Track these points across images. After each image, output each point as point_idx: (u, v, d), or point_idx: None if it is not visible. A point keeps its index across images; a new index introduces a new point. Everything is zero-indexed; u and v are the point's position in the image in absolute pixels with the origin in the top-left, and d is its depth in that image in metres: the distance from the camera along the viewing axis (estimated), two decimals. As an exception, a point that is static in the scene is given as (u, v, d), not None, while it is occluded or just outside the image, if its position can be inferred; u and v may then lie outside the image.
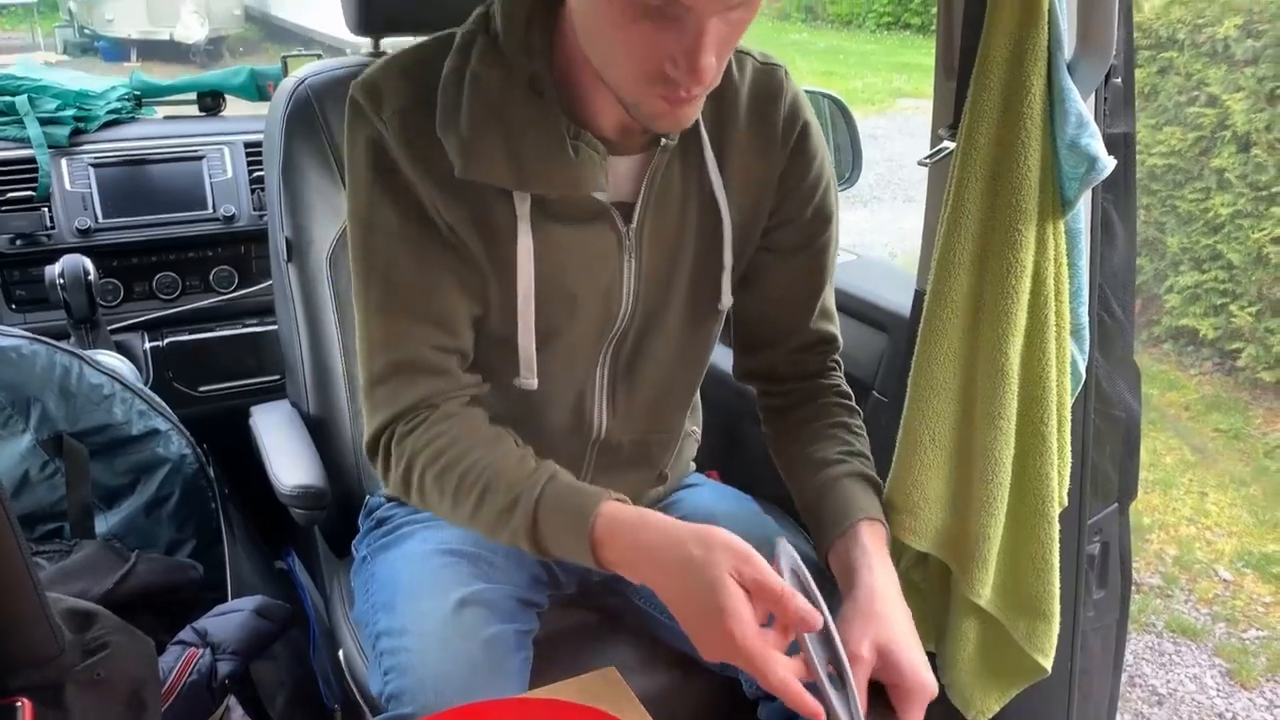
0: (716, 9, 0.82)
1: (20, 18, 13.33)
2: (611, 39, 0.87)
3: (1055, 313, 1.12)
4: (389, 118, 0.98)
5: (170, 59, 12.16)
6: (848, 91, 9.94)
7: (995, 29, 1.05)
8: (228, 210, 1.96)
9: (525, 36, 0.96)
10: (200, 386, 1.95)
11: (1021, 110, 1.05)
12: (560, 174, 0.98)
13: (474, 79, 0.96)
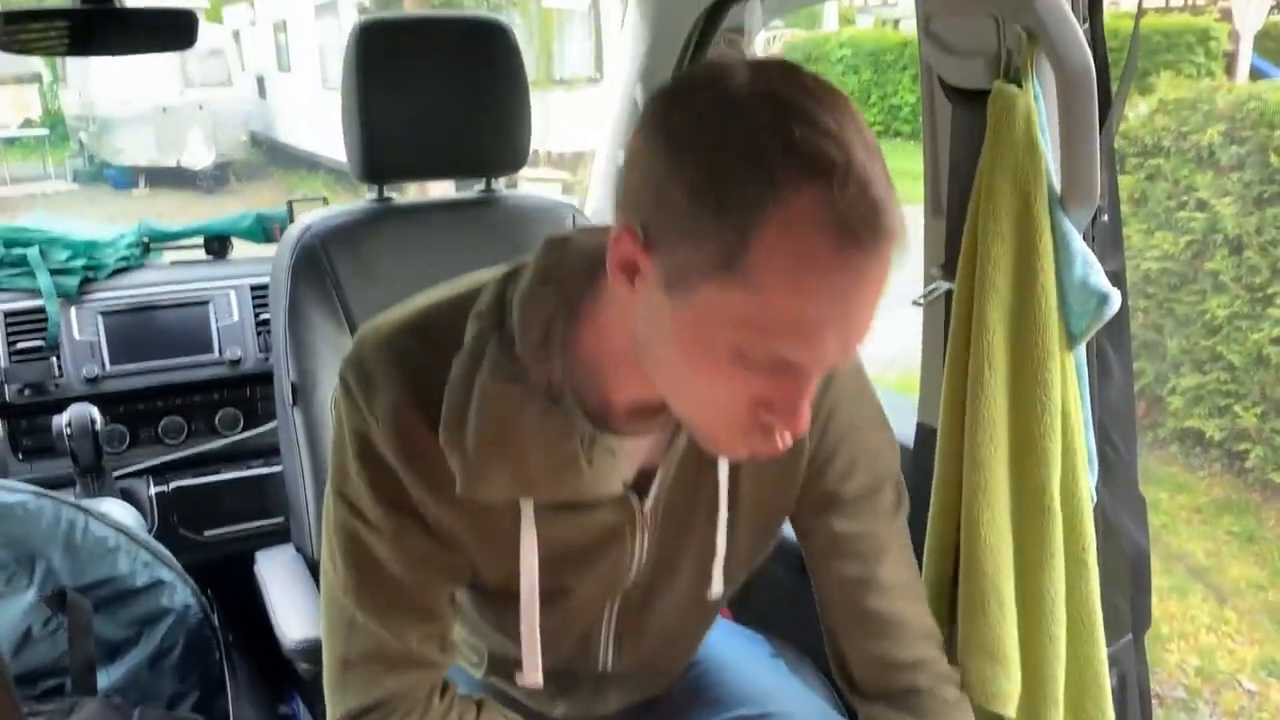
0: (828, 366, 0.77)
1: (32, 149, 13.67)
2: (697, 383, 0.79)
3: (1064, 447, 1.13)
4: (381, 415, 0.88)
5: (177, 185, 12.43)
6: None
7: (998, 173, 1.08)
8: (234, 353, 1.98)
9: (544, 339, 0.87)
10: (205, 531, 1.95)
11: (1034, 254, 1.07)
12: (571, 483, 0.91)
13: (484, 394, 0.87)
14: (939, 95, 1.23)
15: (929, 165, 1.30)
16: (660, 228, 0.74)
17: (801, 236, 0.69)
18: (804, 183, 0.69)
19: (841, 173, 0.69)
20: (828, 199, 0.68)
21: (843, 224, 0.69)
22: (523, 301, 0.88)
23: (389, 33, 1.58)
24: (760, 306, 0.71)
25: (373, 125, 1.54)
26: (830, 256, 0.70)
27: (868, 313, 0.74)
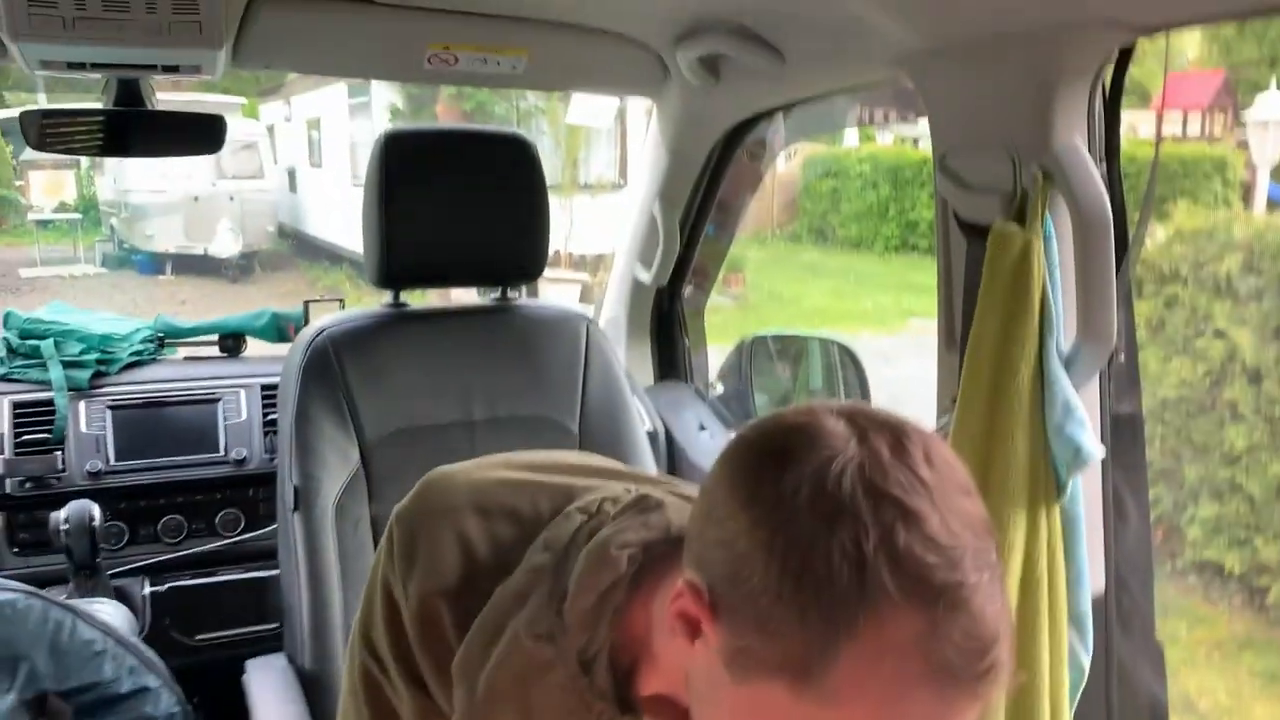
0: None
1: (65, 232, 13.92)
2: None
3: (1049, 601, 1.09)
4: (413, 598, 0.83)
5: (204, 272, 12.61)
6: (858, 311, 10.17)
7: (986, 313, 1.07)
8: (239, 453, 1.97)
9: (597, 607, 0.79)
10: (197, 635, 1.90)
11: (1010, 394, 1.06)
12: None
13: (515, 644, 0.80)
14: (954, 229, 1.23)
15: (942, 297, 1.29)
16: (731, 603, 0.65)
17: (895, 667, 0.60)
18: (906, 606, 0.60)
19: (950, 601, 0.60)
20: (930, 629, 0.60)
21: (944, 662, 0.60)
22: (593, 560, 0.80)
23: (412, 143, 1.61)
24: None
25: (392, 232, 1.56)
26: (924, 694, 0.61)
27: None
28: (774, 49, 1.42)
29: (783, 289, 11.61)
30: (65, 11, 1.30)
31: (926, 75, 1.23)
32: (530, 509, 0.85)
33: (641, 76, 1.69)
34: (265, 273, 13.16)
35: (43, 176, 13.91)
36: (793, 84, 1.55)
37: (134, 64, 1.49)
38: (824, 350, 2.33)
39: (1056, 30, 1.03)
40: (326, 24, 1.51)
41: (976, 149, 1.16)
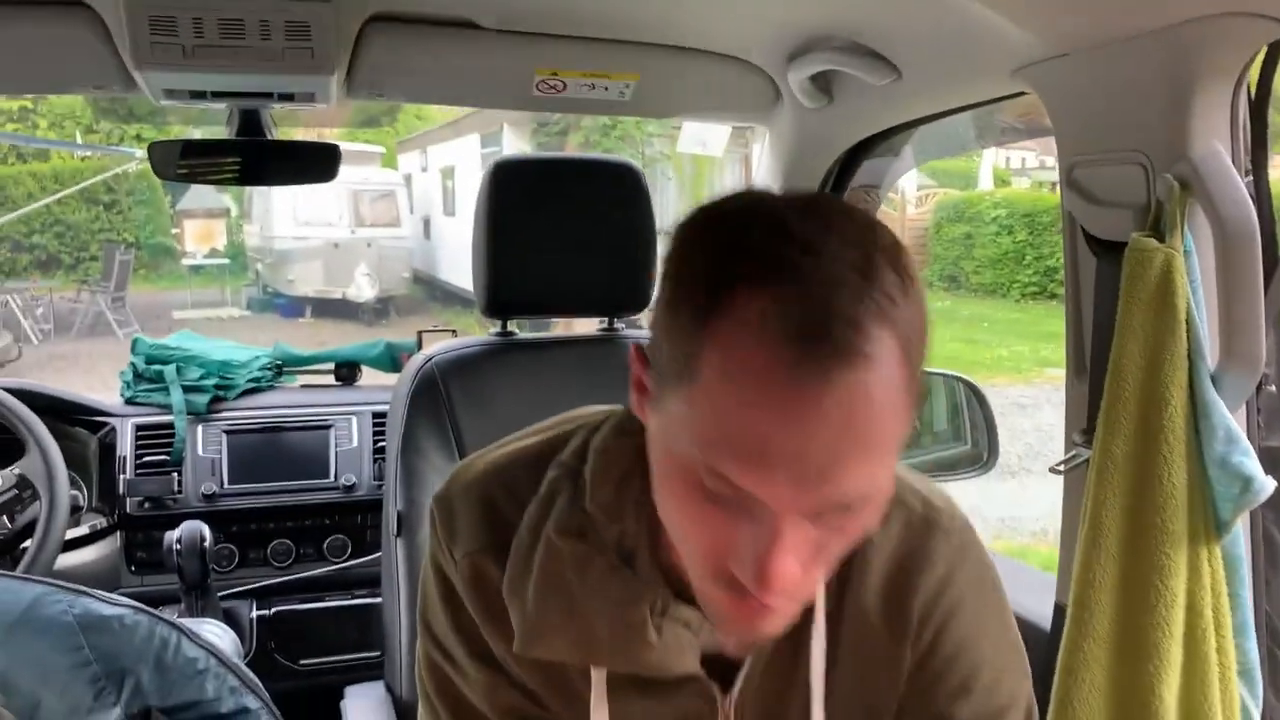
0: (798, 509, 0.65)
1: (214, 277, 14.68)
2: (677, 519, 0.72)
3: (1218, 649, 0.98)
4: (460, 560, 0.86)
5: (341, 316, 13.09)
6: (993, 360, 9.87)
7: (1127, 335, 0.98)
8: (349, 479, 1.98)
9: (617, 497, 0.82)
10: (301, 660, 1.92)
11: (1161, 424, 0.96)
12: (639, 656, 0.81)
13: (549, 546, 0.82)
14: (1082, 247, 1.15)
15: (1070, 322, 1.20)
16: (651, 342, 0.71)
17: (750, 342, 0.62)
18: (759, 285, 0.63)
19: (805, 279, 0.62)
20: (781, 305, 0.62)
21: (796, 333, 0.61)
22: (599, 453, 0.84)
23: (521, 172, 1.60)
24: (711, 418, 0.64)
25: (499, 261, 1.55)
26: (778, 369, 0.61)
27: (836, 449, 0.63)
28: (889, 63, 1.36)
29: (913, 337, 11.36)
30: (185, 40, 1.33)
31: (1050, 84, 1.15)
32: (543, 453, 0.88)
33: (753, 100, 1.65)
34: (400, 316, 13.57)
35: (196, 225, 14.72)
36: (910, 101, 1.48)
37: (252, 92, 1.52)
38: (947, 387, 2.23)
39: (1194, 27, 0.95)
40: (436, 51, 1.51)
41: (1106, 160, 1.08)
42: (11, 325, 10.91)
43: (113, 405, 2.05)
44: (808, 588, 0.72)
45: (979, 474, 1.96)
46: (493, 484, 0.88)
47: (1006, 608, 0.91)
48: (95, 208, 15.16)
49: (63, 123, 15.59)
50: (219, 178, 1.73)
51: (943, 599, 0.86)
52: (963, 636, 0.87)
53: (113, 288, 12.15)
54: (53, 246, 14.87)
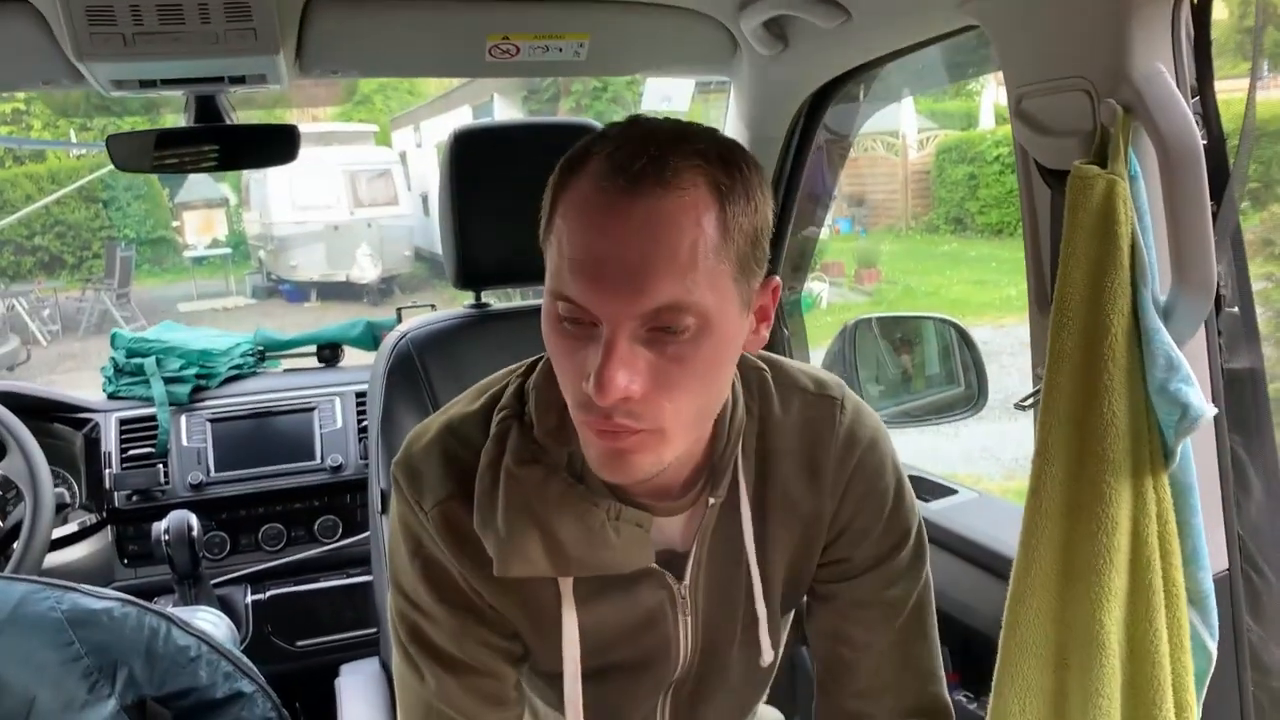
0: (624, 317, 0.79)
1: (217, 267, 14.69)
2: (553, 353, 0.86)
3: (1165, 577, 0.97)
4: (430, 512, 0.95)
5: (347, 298, 13.10)
6: (1003, 300, 9.81)
7: (1071, 264, 0.97)
8: (335, 460, 1.99)
9: (560, 423, 0.92)
10: (298, 641, 1.93)
11: (1103, 352, 0.94)
12: (601, 558, 0.93)
13: (508, 476, 0.92)
14: (1036, 179, 1.13)
15: (1029, 257, 1.18)
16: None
17: (586, 185, 0.80)
18: (598, 150, 0.81)
19: (636, 139, 0.80)
20: (613, 155, 0.79)
21: (611, 170, 0.79)
22: (537, 389, 0.95)
23: (480, 142, 1.58)
24: (557, 252, 0.81)
25: (467, 232, 1.54)
26: (600, 196, 0.79)
27: (645, 257, 0.78)
28: (838, 4, 1.34)
29: (920, 281, 11.31)
30: (124, 28, 1.32)
31: (995, 14, 1.13)
32: (482, 409, 0.98)
33: (710, 51, 1.63)
34: (404, 295, 13.56)
35: (196, 216, 14.72)
36: (864, 41, 1.46)
37: (202, 77, 1.50)
38: (937, 331, 2.22)
39: (1129, -55, 0.93)
40: (385, 24, 1.49)
41: (1051, 88, 1.06)
42: (19, 328, 10.96)
43: (96, 401, 2.05)
44: (656, 410, 0.82)
45: (971, 414, 1.95)
46: (448, 440, 0.97)
47: (895, 453, 1.07)
48: (94, 205, 15.17)
49: (56, 122, 15.57)
50: (177, 166, 1.71)
51: (849, 453, 1.02)
52: (870, 481, 1.03)
53: (117, 284, 12.17)
54: (55, 247, 14.89)
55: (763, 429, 1.01)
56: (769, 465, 1.01)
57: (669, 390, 0.81)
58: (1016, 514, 1.59)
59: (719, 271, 0.80)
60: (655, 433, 0.83)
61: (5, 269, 13.69)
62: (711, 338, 0.82)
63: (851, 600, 1.05)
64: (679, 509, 0.97)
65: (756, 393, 1.02)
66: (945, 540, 1.55)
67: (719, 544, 1.00)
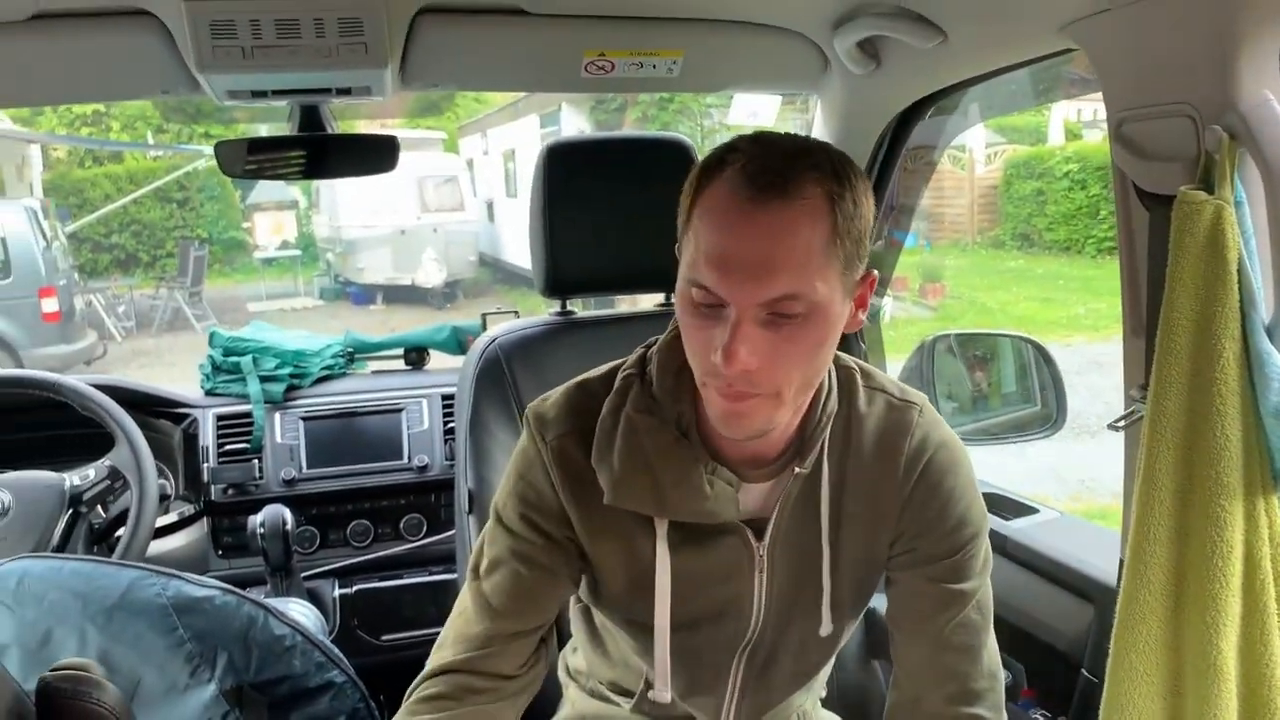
0: (749, 303, 0.92)
1: (286, 268, 14.96)
2: (687, 332, 0.99)
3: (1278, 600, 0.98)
4: (550, 443, 1.10)
5: (411, 301, 13.28)
6: (1070, 318, 9.67)
7: (1178, 289, 0.98)
8: (421, 460, 2.04)
9: (675, 385, 1.07)
10: (383, 635, 1.98)
11: (1214, 376, 0.96)
12: (698, 505, 1.06)
13: (628, 421, 1.07)
14: (1134, 202, 1.14)
15: (1125, 279, 1.19)
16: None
17: (717, 193, 0.94)
18: (731, 161, 0.95)
19: (766, 156, 0.94)
20: (741, 169, 0.93)
21: (742, 181, 0.93)
22: (660, 352, 1.10)
23: (573, 153, 1.63)
24: (694, 247, 0.95)
25: (556, 242, 1.58)
26: (728, 201, 0.93)
27: (769, 254, 0.92)
28: (934, 26, 1.36)
29: (985, 297, 11.18)
30: (244, 41, 1.38)
31: (1096, 38, 1.14)
32: (607, 373, 1.14)
33: (801, 69, 1.66)
34: (468, 300, 13.72)
35: (267, 218, 15.02)
36: (957, 63, 1.48)
37: (310, 89, 1.56)
38: (1014, 348, 2.21)
39: (1239, -26, 0.94)
40: (486, 39, 1.54)
41: (1154, 113, 1.07)
42: (95, 324, 11.25)
43: (194, 397, 2.13)
44: (771, 379, 0.95)
45: (1049, 434, 1.95)
46: (574, 392, 1.13)
47: (969, 465, 1.17)
48: (169, 206, 15.53)
49: (134, 124, 15.98)
50: (282, 173, 1.78)
51: (923, 451, 1.13)
52: (940, 477, 1.13)
53: (189, 283, 12.45)
54: (130, 245, 15.29)
55: (848, 419, 1.13)
56: (849, 451, 1.13)
57: (782, 364, 0.95)
58: (1098, 534, 1.62)
59: (828, 267, 0.94)
60: (770, 396, 0.97)
61: (84, 265, 14.05)
62: (819, 321, 0.95)
63: (912, 590, 1.15)
64: (765, 477, 1.10)
65: (847, 387, 1.14)
66: (1026, 558, 1.55)
67: (798, 513, 1.11)
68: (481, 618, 1.11)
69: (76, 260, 12.22)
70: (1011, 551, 1.57)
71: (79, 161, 16.14)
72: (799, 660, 1.21)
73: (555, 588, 1.13)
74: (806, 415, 1.08)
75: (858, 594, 1.18)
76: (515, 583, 1.10)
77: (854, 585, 1.16)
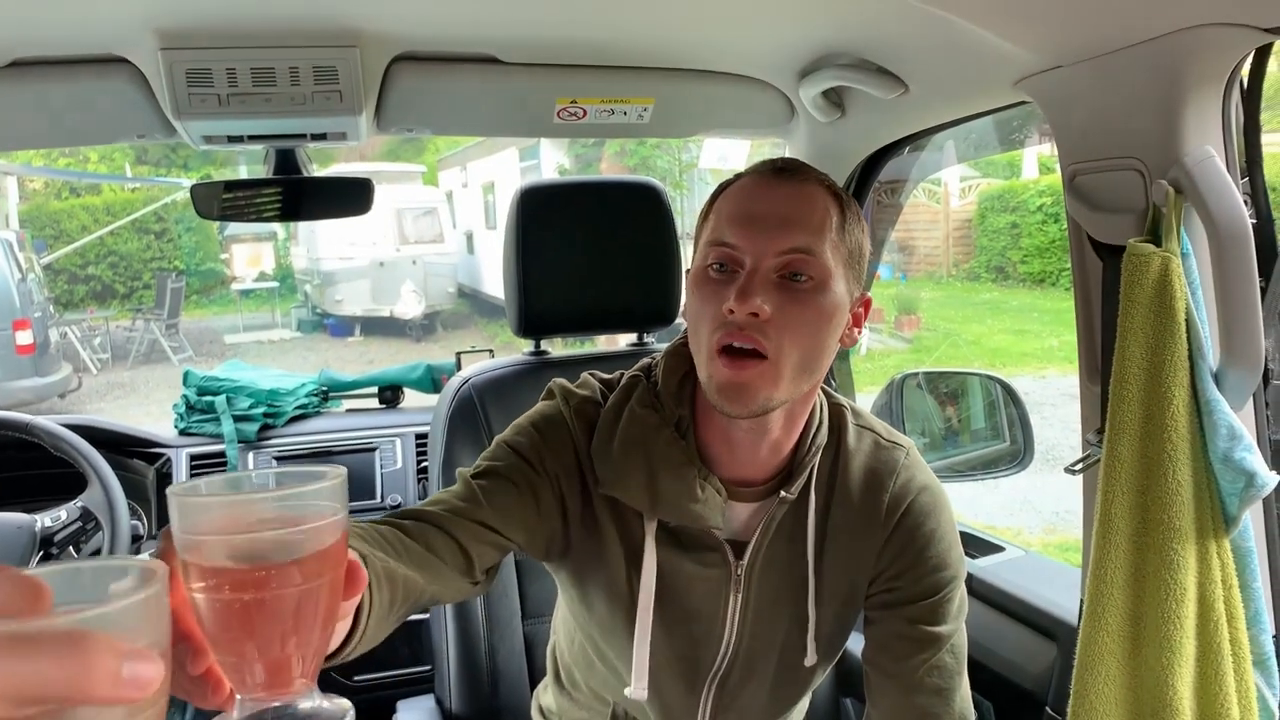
0: (767, 254, 1.00)
1: (264, 300, 14.93)
2: (696, 309, 1.05)
3: (1232, 641, 1.00)
4: (574, 404, 1.17)
5: (389, 333, 13.26)
6: (1044, 350, 9.75)
7: (1129, 337, 1.01)
8: (394, 499, 2.05)
9: (678, 389, 1.13)
10: (355, 676, 1.98)
11: (1165, 423, 0.99)
12: (687, 508, 1.09)
13: (631, 414, 1.13)
14: (1089, 251, 1.18)
15: (1080, 326, 1.23)
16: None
17: (738, 184, 1.08)
18: (745, 173, 1.09)
19: (771, 161, 1.08)
20: (756, 168, 1.08)
21: (762, 170, 1.07)
22: (666, 356, 1.17)
23: (547, 197, 1.65)
24: (714, 222, 1.06)
25: (529, 283, 1.60)
26: (749, 181, 1.07)
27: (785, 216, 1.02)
28: (896, 78, 1.40)
29: (961, 329, 11.27)
30: (220, 89, 1.40)
31: (1049, 93, 1.18)
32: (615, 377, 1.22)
33: (768, 116, 1.69)
34: (446, 331, 13.72)
35: (244, 249, 15.01)
36: (919, 112, 1.51)
37: (286, 134, 1.58)
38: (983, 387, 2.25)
39: (1180, 37, 0.97)
40: (460, 86, 1.57)
41: (1105, 166, 1.11)
42: (70, 356, 11.19)
43: (167, 436, 2.13)
44: (774, 339, 0.99)
45: (1017, 471, 1.98)
46: (591, 380, 1.21)
47: (950, 511, 1.21)
48: (146, 237, 15.51)
49: (112, 155, 15.96)
50: (259, 215, 1.79)
51: (906, 493, 1.17)
52: (921, 519, 1.17)
53: (166, 315, 12.41)
54: (107, 277, 15.23)
55: (836, 453, 1.17)
56: (836, 485, 1.17)
57: (786, 326, 1.00)
58: (1063, 573, 1.64)
59: (837, 250, 1.03)
60: (770, 366, 1.00)
61: (60, 297, 13.99)
62: (824, 297, 1.02)
63: (888, 630, 1.17)
64: (752, 498, 1.14)
65: (837, 423, 1.19)
66: (991, 597, 1.57)
67: (781, 540, 1.15)
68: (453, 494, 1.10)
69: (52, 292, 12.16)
70: (977, 590, 1.59)
71: (56, 193, 16.09)
72: (776, 691, 1.22)
73: (523, 512, 1.10)
74: (797, 444, 1.13)
75: (838, 627, 1.21)
76: (497, 485, 1.10)
77: (835, 619, 1.19)
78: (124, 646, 0.39)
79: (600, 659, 1.23)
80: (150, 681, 0.40)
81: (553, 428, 1.15)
